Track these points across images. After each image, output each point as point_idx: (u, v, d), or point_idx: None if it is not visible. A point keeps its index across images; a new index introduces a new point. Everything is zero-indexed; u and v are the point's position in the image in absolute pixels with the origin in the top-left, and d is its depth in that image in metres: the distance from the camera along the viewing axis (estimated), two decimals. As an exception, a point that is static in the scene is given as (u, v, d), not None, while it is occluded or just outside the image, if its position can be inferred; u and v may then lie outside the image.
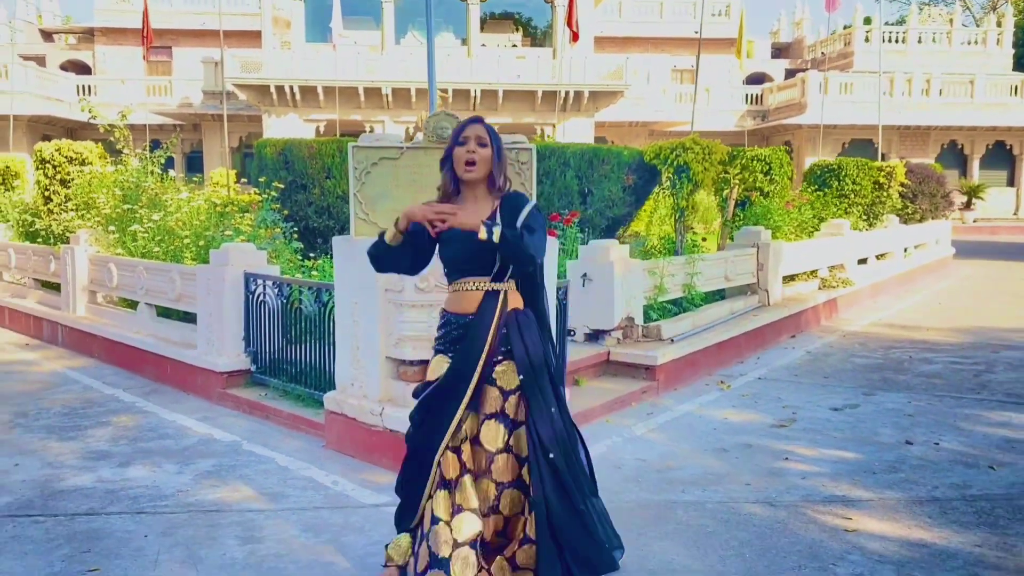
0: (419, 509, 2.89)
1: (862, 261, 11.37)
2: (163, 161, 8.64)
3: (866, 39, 31.76)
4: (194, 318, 6.33)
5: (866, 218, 12.68)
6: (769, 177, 9.97)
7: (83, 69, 31.80)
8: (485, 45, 26.99)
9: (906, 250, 13.38)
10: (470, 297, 2.85)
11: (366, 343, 4.46)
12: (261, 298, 5.72)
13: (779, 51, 37.97)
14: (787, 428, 5.20)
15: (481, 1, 25.98)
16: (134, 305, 7.44)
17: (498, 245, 2.65)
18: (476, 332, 2.82)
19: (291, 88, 24.20)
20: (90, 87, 28.26)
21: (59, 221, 9.20)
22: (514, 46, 28.28)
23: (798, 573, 3.20)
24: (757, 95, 31.36)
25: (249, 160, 23.67)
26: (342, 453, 4.64)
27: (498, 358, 2.83)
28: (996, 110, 29.19)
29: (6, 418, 5.49)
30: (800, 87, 28.76)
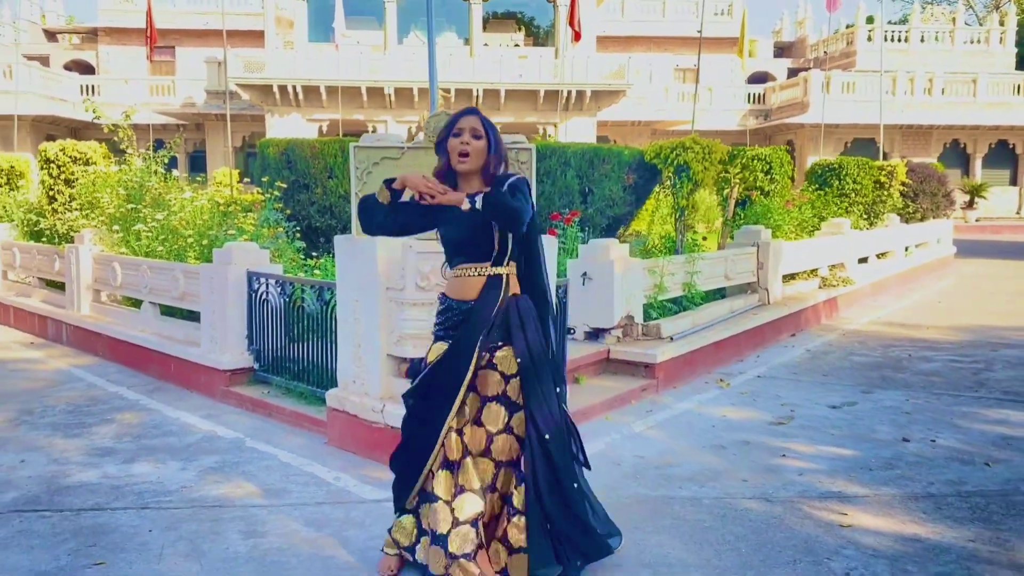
0: (416, 484, 2.98)
1: (863, 260, 11.39)
2: (166, 161, 8.70)
3: (868, 38, 31.78)
4: (198, 316, 6.38)
5: (867, 217, 12.70)
6: (769, 176, 10.01)
7: (87, 69, 31.91)
8: (487, 45, 27.04)
9: (907, 249, 13.41)
10: (471, 283, 2.91)
11: (367, 341, 4.51)
12: (264, 297, 5.77)
13: (782, 50, 37.99)
14: (785, 425, 5.25)
15: (483, 1, 26.02)
16: (138, 304, 7.50)
17: (482, 209, 2.71)
18: (478, 317, 2.88)
19: (294, 88, 24.27)
20: (94, 87, 28.38)
21: (63, 220, 9.27)
22: (516, 46, 28.33)
23: (793, 567, 3.24)
24: (759, 94, 31.38)
25: (252, 160, 23.74)
26: (344, 450, 4.69)
27: (499, 343, 2.89)
28: (999, 109, 29.19)
29: (12, 415, 5.55)
30: (802, 86, 28.78)
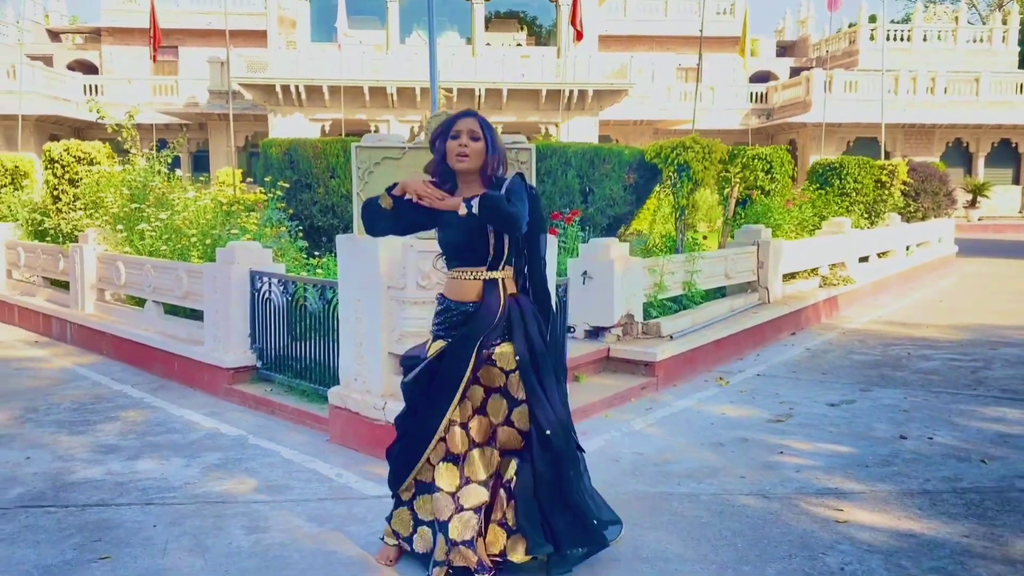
0: (411, 475, 3.05)
1: (863, 259, 11.41)
2: (170, 160, 8.75)
3: (871, 37, 31.77)
4: (201, 315, 6.44)
5: (868, 216, 12.72)
6: (770, 176, 10.04)
7: (90, 69, 32.00)
8: (490, 44, 27.09)
9: (908, 248, 13.43)
10: (468, 286, 2.97)
11: (369, 339, 4.56)
12: (267, 295, 5.82)
13: (784, 49, 37.99)
14: (783, 423, 5.28)
15: (485, 0, 26.06)
16: (142, 303, 7.55)
17: (478, 213, 2.76)
18: (480, 321, 2.94)
19: (296, 88, 24.34)
20: (97, 87, 28.46)
21: (68, 220, 9.32)
22: (518, 45, 28.37)
23: (788, 562, 3.28)
24: (762, 93, 31.39)
25: (255, 159, 23.79)
26: (346, 447, 4.74)
27: (497, 341, 2.95)
28: (1001, 108, 29.17)
29: (17, 413, 5.61)
30: (805, 85, 28.78)
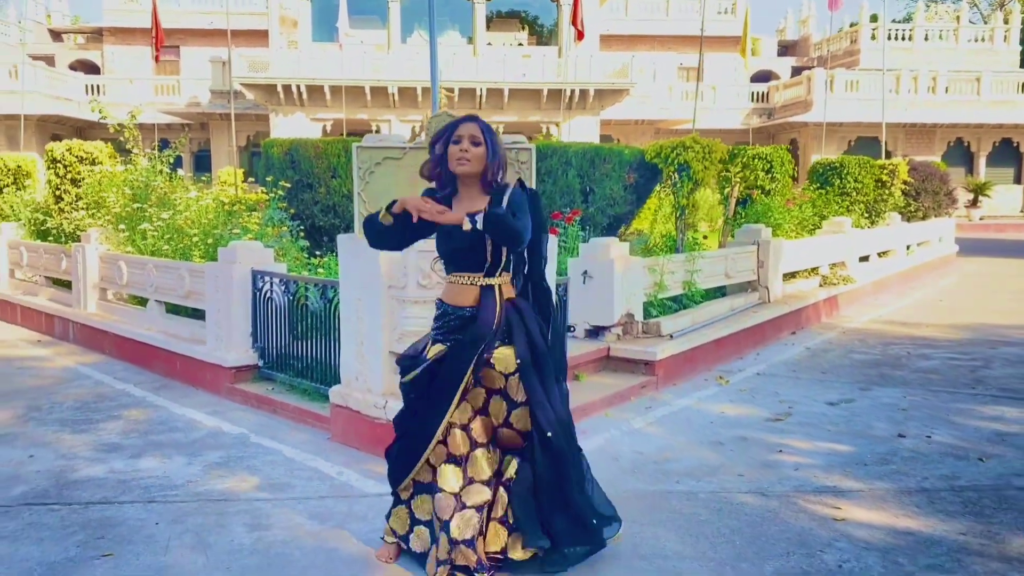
0: (409, 475, 3.09)
1: (864, 258, 11.43)
2: (172, 160, 8.78)
3: (872, 37, 31.75)
4: (203, 315, 6.46)
5: (868, 216, 12.73)
6: (770, 175, 10.07)
7: (92, 69, 32.05)
8: (491, 44, 27.11)
9: (908, 247, 13.44)
10: (466, 291, 3.00)
11: (370, 338, 4.58)
12: (268, 295, 5.85)
13: (785, 49, 37.97)
14: (783, 422, 5.31)
15: (487, 0, 26.08)
16: (144, 302, 7.58)
17: (484, 229, 2.79)
18: (479, 326, 2.97)
19: (298, 87, 24.37)
20: (99, 86, 28.49)
21: (70, 220, 9.36)
22: (520, 45, 28.38)
23: (786, 559, 3.30)
24: (763, 93, 31.39)
25: (256, 159, 23.83)
26: (347, 445, 4.76)
27: (496, 344, 2.98)
28: (1003, 108, 29.16)
29: (20, 412, 5.64)
30: (806, 85, 28.78)
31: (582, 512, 3.10)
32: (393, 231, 2.91)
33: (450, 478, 3.00)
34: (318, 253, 8.65)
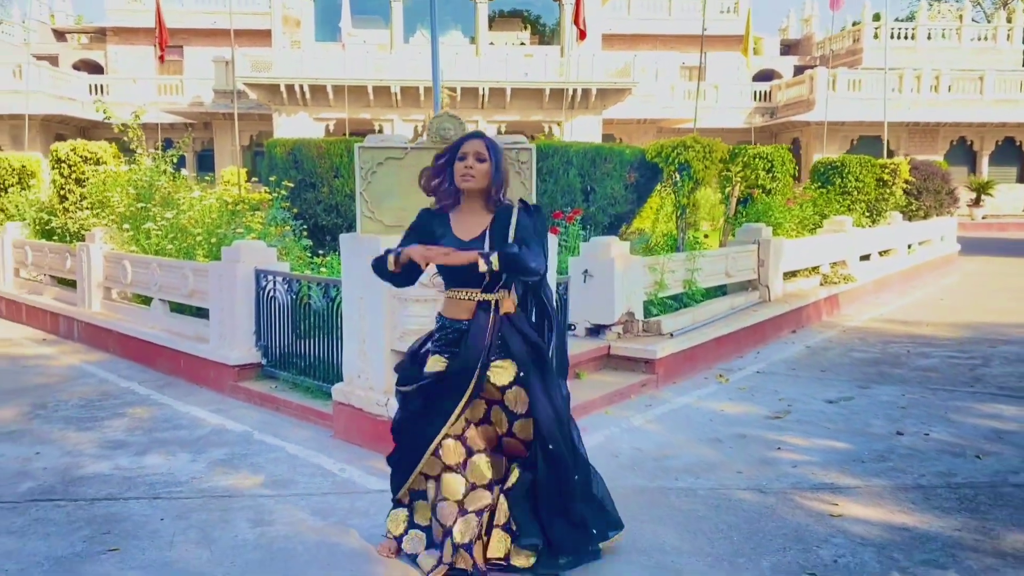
0: (407, 483, 3.18)
1: (865, 257, 11.45)
2: (175, 160, 8.84)
3: (875, 36, 31.70)
4: (207, 313, 6.51)
5: (869, 215, 12.75)
6: (771, 175, 10.09)
7: (95, 68, 32.12)
8: (493, 43, 27.13)
9: (909, 246, 13.45)
10: (464, 305, 3.06)
11: (372, 337, 4.63)
12: (271, 294, 5.90)
13: (788, 48, 37.94)
14: (782, 420, 5.34)
15: (489, 0, 26.12)
16: (148, 301, 7.64)
17: (500, 269, 2.85)
18: (474, 335, 3.02)
19: (301, 87, 24.42)
20: (102, 86, 28.57)
21: (74, 219, 9.42)
22: (522, 44, 28.40)
23: (783, 555, 3.34)
24: (766, 92, 31.38)
25: (260, 159, 23.91)
26: (349, 442, 4.81)
27: (493, 357, 3.03)
28: (1006, 106, 29.14)
29: (26, 410, 5.69)
30: (808, 84, 28.77)
31: (583, 519, 3.16)
32: (400, 276, 3.01)
33: (454, 487, 3.06)
34: (321, 252, 8.71)
